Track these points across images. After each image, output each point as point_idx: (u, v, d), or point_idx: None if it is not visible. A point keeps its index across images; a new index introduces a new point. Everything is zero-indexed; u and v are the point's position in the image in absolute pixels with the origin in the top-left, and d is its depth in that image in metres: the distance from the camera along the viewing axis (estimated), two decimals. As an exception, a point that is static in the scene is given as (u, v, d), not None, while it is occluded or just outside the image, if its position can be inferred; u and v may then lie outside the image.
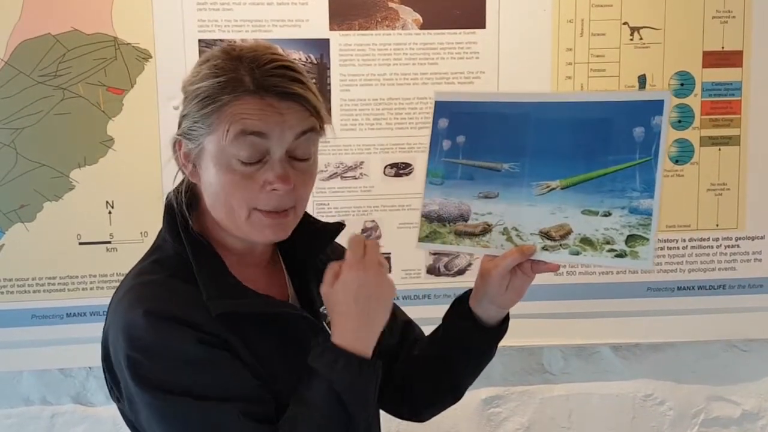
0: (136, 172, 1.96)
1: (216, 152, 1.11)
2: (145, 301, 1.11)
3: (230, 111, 1.10)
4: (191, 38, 1.95)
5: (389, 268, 1.08)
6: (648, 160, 1.15)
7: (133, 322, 1.10)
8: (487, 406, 2.23)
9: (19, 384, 2.12)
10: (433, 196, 1.29)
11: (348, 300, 1.10)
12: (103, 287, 2.00)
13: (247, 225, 1.14)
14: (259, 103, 1.10)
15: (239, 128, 1.09)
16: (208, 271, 1.15)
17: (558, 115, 1.22)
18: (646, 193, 1.15)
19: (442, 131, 1.29)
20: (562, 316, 2.13)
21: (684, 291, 2.16)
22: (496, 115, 1.26)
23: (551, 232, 1.20)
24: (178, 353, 1.09)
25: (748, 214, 2.14)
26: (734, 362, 2.27)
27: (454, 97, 1.33)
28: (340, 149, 2.04)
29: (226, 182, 1.12)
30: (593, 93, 1.82)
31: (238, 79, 1.10)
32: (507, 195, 1.24)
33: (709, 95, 2.10)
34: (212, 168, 1.12)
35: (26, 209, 1.96)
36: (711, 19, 2.07)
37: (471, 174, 1.27)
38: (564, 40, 2.05)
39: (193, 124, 1.13)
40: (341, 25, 2.00)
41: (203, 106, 1.11)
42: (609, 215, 1.17)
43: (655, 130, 1.15)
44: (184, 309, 1.11)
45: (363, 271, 1.10)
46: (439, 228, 1.28)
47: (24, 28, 1.91)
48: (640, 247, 1.15)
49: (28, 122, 1.93)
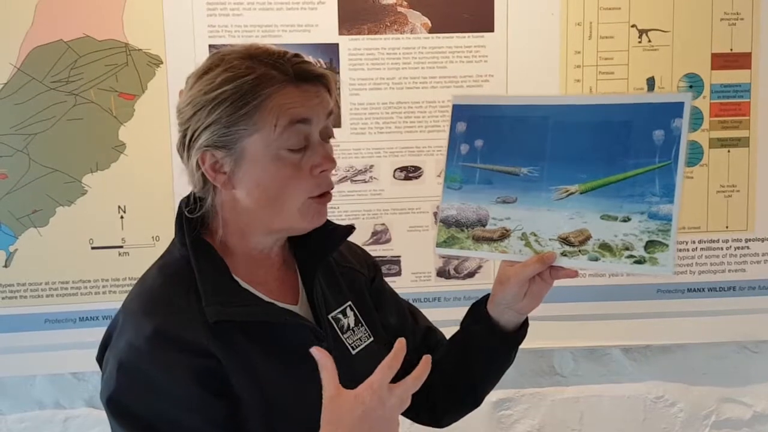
0: (147, 176, 1.97)
1: (262, 149, 1.12)
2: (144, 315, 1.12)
3: (272, 105, 1.11)
4: (202, 43, 1.96)
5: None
6: (668, 164, 1.13)
7: (125, 340, 1.12)
8: (498, 408, 2.23)
9: (33, 388, 2.13)
10: (451, 201, 1.28)
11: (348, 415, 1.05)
12: (116, 291, 2.01)
13: (298, 214, 1.16)
14: (298, 91, 1.13)
15: (288, 119, 1.11)
16: (210, 277, 1.15)
17: (577, 118, 1.21)
18: (666, 198, 1.13)
19: (460, 135, 1.28)
20: (573, 318, 2.13)
21: (694, 293, 2.15)
22: (515, 119, 1.25)
23: (570, 237, 1.19)
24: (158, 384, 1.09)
25: (758, 216, 2.14)
26: (745, 364, 2.27)
27: (472, 100, 1.31)
28: (350, 153, 2.04)
29: (279, 175, 1.13)
30: (612, 95, 1.81)
31: (268, 73, 1.11)
32: (525, 200, 1.23)
33: (717, 97, 2.10)
34: (258, 166, 1.13)
35: (39, 214, 1.98)
36: (719, 21, 2.07)
37: (489, 178, 1.26)
38: (572, 42, 2.05)
39: (226, 130, 1.12)
40: (350, 30, 2.01)
41: (238, 107, 1.11)
42: (628, 220, 1.15)
43: (675, 133, 1.13)
44: (179, 324, 1.11)
45: (380, 402, 1.05)
46: (457, 233, 1.27)
47: (36, 34, 1.93)
48: (660, 254, 1.13)
49: (41, 128, 1.95)
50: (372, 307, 1.36)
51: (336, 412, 1.05)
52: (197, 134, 1.14)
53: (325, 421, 1.05)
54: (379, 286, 1.42)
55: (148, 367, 1.09)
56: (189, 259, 1.16)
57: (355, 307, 1.32)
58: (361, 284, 1.37)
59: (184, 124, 1.16)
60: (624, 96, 1.24)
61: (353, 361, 1.25)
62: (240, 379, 1.12)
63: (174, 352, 1.09)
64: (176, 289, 1.15)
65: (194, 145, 1.14)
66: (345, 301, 1.31)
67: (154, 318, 1.11)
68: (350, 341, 1.27)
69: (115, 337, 1.15)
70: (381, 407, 1.04)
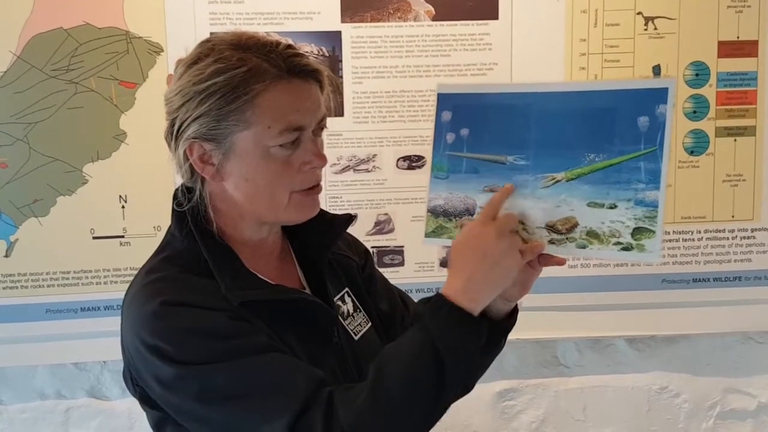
0: (148, 166, 1.95)
1: (252, 145, 1.11)
2: (160, 294, 1.10)
3: (266, 104, 1.10)
4: (203, 31, 1.94)
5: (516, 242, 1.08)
6: (653, 150, 1.12)
7: (151, 314, 1.09)
8: (502, 399, 2.23)
9: (34, 378, 2.12)
10: (438, 191, 1.27)
11: (464, 251, 1.11)
12: (117, 281, 2.00)
13: (288, 208, 1.15)
14: (290, 88, 1.11)
15: (284, 125, 1.10)
16: (225, 264, 1.14)
17: (562, 105, 1.20)
18: (652, 184, 1.12)
19: (446, 124, 1.27)
20: (577, 309, 2.12)
21: (699, 283, 2.14)
22: (500, 107, 1.24)
23: (557, 225, 1.18)
24: (205, 329, 1.08)
25: (764, 206, 2.13)
26: (750, 354, 2.26)
27: (457, 89, 1.30)
28: (353, 142, 2.03)
29: (268, 171, 1.12)
30: (597, 82, 1.80)
31: (260, 66, 1.10)
32: None
33: (724, 85, 2.08)
34: (248, 161, 1.12)
35: (40, 204, 1.97)
36: (726, 9, 2.06)
37: (476, 167, 1.25)
38: (578, 30, 2.03)
39: (216, 123, 1.11)
40: (353, 18, 1.99)
41: (229, 101, 1.09)
42: (615, 207, 1.15)
43: (660, 120, 1.12)
44: (202, 297, 1.10)
45: (486, 229, 1.10)
46: (445, 223, 1.27)
47: (36, 22, 1.91)
48: (647, 240, 1.13)
49: (41, 117, 1.94)
50: (366, 294, 1.37)
51: (456, 261, 1.11)
52: (186, 125, 1.12)
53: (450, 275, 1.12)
54: (369, 273, 1.42)
55: (190, 322, 1.08)
56: (194, 250, 1.16)
57: (352, 294, 1.33)
58: (354, 271, 1.37)
59: (172, 114, 1.14)
60: (608, 83, 1.23)
61: (357, 346, 1.26)
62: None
63: (206, 309, 1.09)
64: (196, 277, 1.14)
65: (182, 135, 1.13)
66: (342, 288, 1.32)
67: (175, 293, 1.11)
68: (351, 327, 1.28)
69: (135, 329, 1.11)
70: (490, 239, 1.09)
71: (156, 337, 1.08)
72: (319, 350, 1.15)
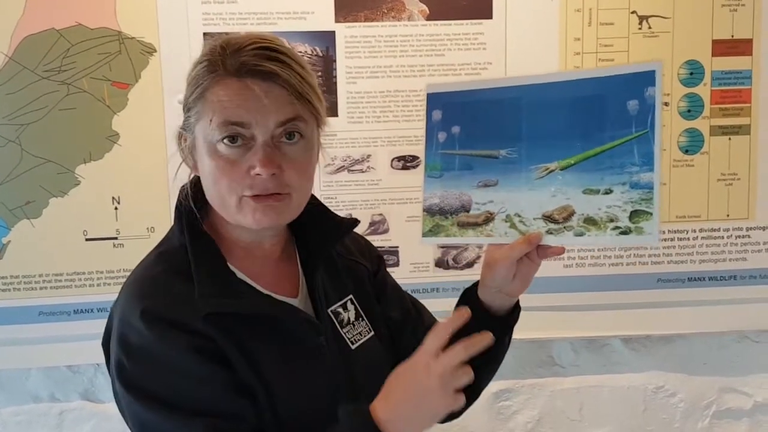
0: (142, 167, 1.95)
1: (202, 140, 1.12)
2: (143, 299, 1.11)
3: (211, 97, 1.10)
4: (196, 32, 1.94)
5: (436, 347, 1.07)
6: (645, 132, 1.13)
7: (128, 322, 1.10)
8: (498, 399, 2.22)
9: (27, 381, 2.11)
10: (433, 190, 1.27)
11: (404, 375, 1.08)
12: (110, 283, 1.99)
13: (238, 212, 1.13)
14: (238, 86, 1.09)
15: (222, 119, 1.09)
16: (206, 268, 1.14)
17: (550, 95, 1.21)
18: (646, 166, 1.13)
19: (437, 123, 1.28)
20: (572, 309, 2.12)
21: (695, 282, 2.14)
22: (489, 102, 1.25)
23: (554, 214, 1.19)
24: (163, 360, 1.08)
25: (759, 204, 2.12)
26: (746, 353, 2.26)
27: (445, 87, 1.31)
28: (347, 142, 2.02)
29: (214, 168, 1.11)
30: (584, 70, 1.81)
31: (215, 61, 1.10)
32: (506, 182, 1.23)
33: (718, 84, 2.08)
34: (201, 156, 1.13)
35: (32, 205, 1.96)
36: (720, 8, 2.05)
37: (469, 164, 1.26)
38: (572, 29, 2.03)
39: (186, 114, 1.14)
40: (347, 17, 1.98)
41: (190, 92, 1.13)
42: (610, 192, 1.15)
43: (649, 102, 1.13)
44: (179, 310, 1.09)
45: (428, 365, 1.06)
46: (442, 221, 1.27)
47: (28, 22, 1.90)
48: (645, 222, 1.13)
49: (33, 118, 1.92)
50: (374, 301, 1.35)
51: (390, 383, 1.08)
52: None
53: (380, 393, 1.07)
54: (381, 279, 1.40)
55: (152, 347, 1.08)
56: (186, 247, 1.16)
57: (356, 301, 1.30)
58: (363, 277, 1.35)
59: None
60: (595, 70, 1.23)
61: (352, 355, 1.24)
62: (238, 366, 1.11)
63: (175, 330, 1.08)
64: (176, 278, 1.13)
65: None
66: (346, 295, 1.29)
67: (154, 301, 1.10)
68: (350, 335, 1.26)
69: (117, 321, 1.13)
70: (426, 376, 1.05)
71: (123, 351, 1.10)
72: (298, 359, 1.14)
